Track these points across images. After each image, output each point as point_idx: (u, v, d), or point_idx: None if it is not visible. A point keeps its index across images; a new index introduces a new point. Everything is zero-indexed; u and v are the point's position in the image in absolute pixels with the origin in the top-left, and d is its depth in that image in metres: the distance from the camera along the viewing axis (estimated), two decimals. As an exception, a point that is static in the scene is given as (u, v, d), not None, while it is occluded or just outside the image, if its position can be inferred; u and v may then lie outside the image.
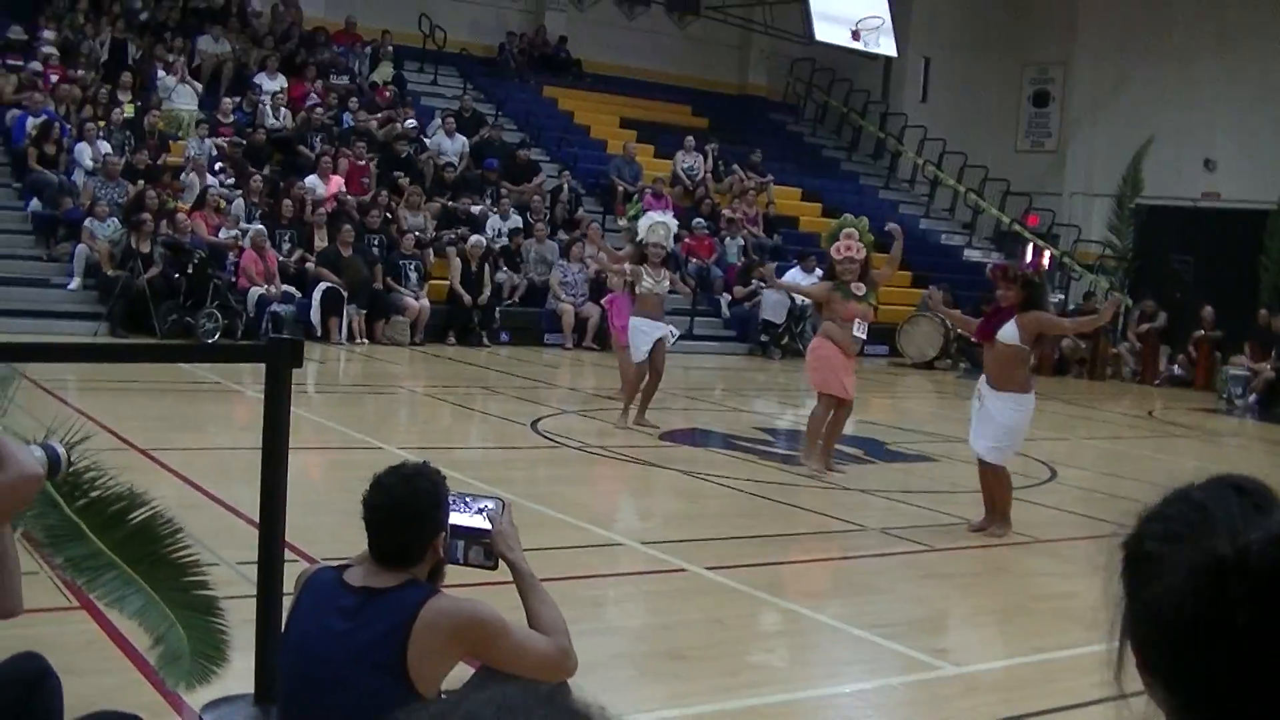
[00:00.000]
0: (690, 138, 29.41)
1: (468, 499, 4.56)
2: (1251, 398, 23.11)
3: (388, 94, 27.60)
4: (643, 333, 14.95)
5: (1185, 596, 1.77)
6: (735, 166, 29.34)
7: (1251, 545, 1.74)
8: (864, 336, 13.11)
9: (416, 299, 22.30)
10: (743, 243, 26.72)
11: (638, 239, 15.42)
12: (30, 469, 3.33)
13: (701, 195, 28.06)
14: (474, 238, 23.45)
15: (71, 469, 4.83)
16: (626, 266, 15.41)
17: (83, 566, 4.88)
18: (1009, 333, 10.30)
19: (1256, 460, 18.58)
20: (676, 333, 16.32)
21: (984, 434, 10.48)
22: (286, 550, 5.66)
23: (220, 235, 21.50)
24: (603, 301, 16.90)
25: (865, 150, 34.96)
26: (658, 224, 15.41)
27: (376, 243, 22.90)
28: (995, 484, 10.67)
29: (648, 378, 15.00)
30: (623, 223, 17.52)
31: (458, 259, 23.01)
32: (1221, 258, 28.28)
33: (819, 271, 15.34)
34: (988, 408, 10.47)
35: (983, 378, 10.67)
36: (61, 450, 3.70)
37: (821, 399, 12.99)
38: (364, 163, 24.52)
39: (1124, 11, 30.94)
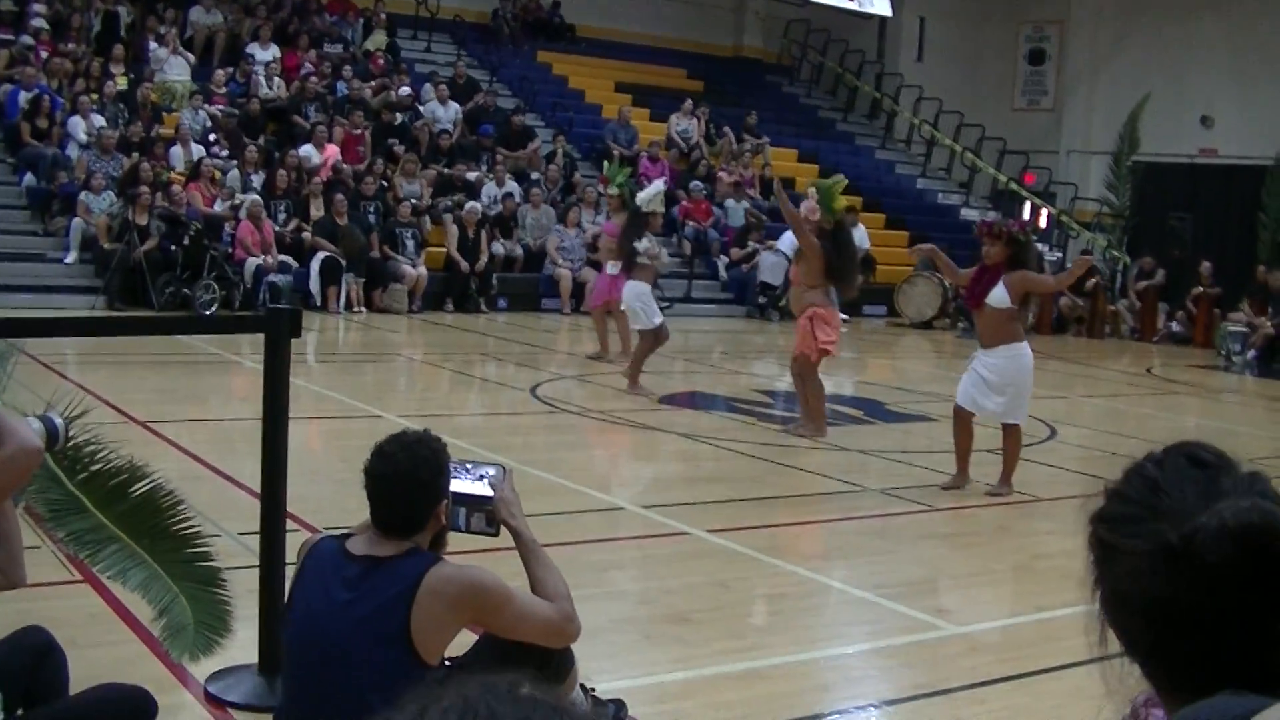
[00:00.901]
0: (689, 101, 29.34)
1: (469, 466, 4.56)
2: (1250, 354, 23.10)
3: (382, 62, 27.50)
4: (652, 302, 15.06)
5: (1140, 578, 1.87)
6: (726, 129, 29.26)
7: (1198, 534, 1.82)
8: None
9: (414, 267, 22.27)
10: (747, 205, 26.68)
11: (641, 210, 15.33)
12: (30, 442, 3.34)
13: (697, 158, 28.01)
14: (470, 204, 23.41)
15: (71, 443, 4.84)
16: (650, 246, 15.38)
17: (85, 540, 4.88)
18: (998, 295, 10.28)
19: (1256, 416, 18.60)
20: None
21: (988, 396, 10.47)
22: (288, 520, 5.67)
23: (216, 207, 21.45)
24: (613, 267, 16.72)
25: (861, 111, 34.86)
26: (660, 194, 15.51)
27: (373, 209, 22.87)
28: (1010, 443, 10.68)
29: (644, 341, 15.01)
30: (612, 191, 17.29)
31: (454, 226, 22.98)
32: (1219, 214, 28.27)
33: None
34: (981, 374, 10.48)
35: (976, 350, 10.73)
36: (60, 422, 3.70)
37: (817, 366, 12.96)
38: (359, 131, 24.45)
39: (1119, -31, 30.87)
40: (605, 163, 23.96)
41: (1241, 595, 1.82)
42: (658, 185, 15.87)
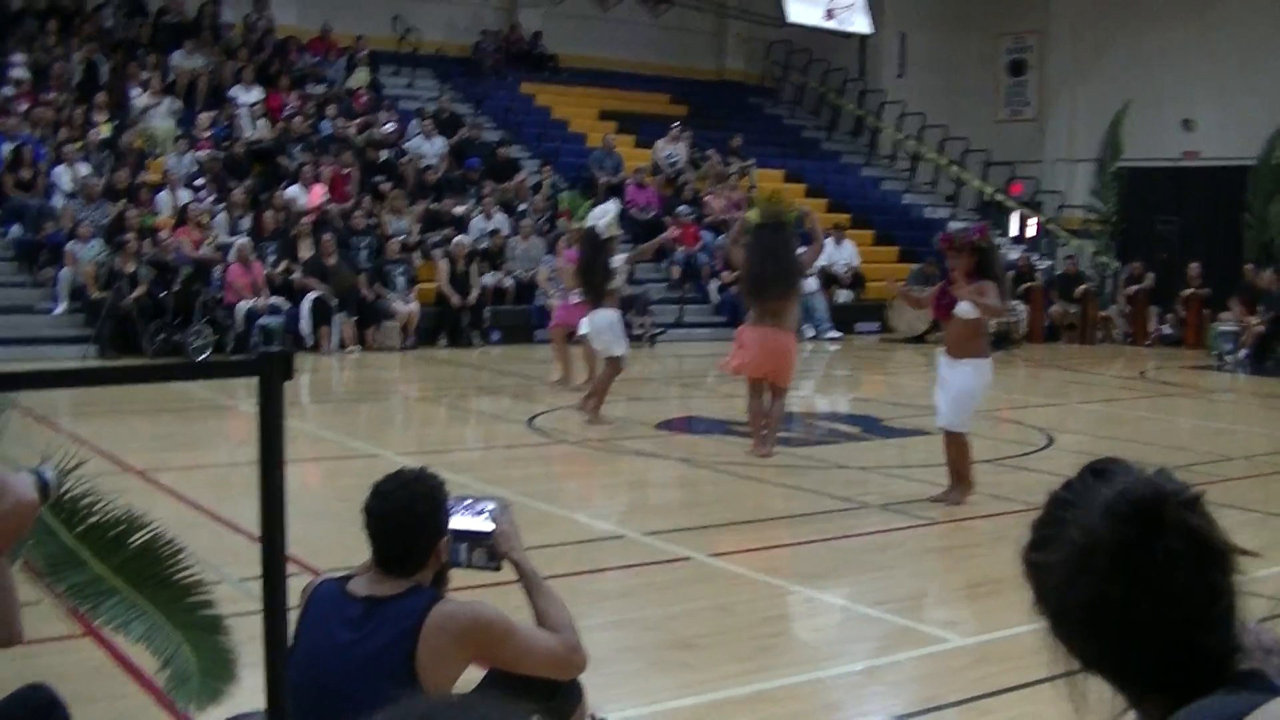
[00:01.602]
0: (676, 125, 29.35)
1: (468, 501, 4.55)
2: (1242, 353, 23.14)
3: (365, 99, 27.52)
4: (620, 329, 14.94)
5: (1066, 589, 2.00)
6: (711, 152, 29.29)
7: (1093, 524, 1.98)
8: None
9: (405, 303, 22.27)
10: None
11: (600, 237, 14.91)
12: (25, 496, 3.32)
13: (684, 183, 28.04)
14: (458, 238, 23.42)
15: (68, 495, 4.82)
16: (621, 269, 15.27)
17: (85, 593, 4.86)
18: (965, 307, 10.30)
19: (1251, 414, 18.62)
20: None
21: (942, 403, 10.52)
22: (289, 563, 5.64)
23: (201, 250, 21.43)
24: (576, 295, 16.59)
25: (845, 129, 34.95)
26: (614, 216, 15.13)
27: (364, 245, 22.88)
28: (956, 452, 10.69)
29: (608, 369, 14.91)
30: (574, 225, 17.14)
31: (444, 260, 22.98)
32: (1205, 216, 28.32)
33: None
34: (944, 377, 10.54)
35: (940, 351, 10.74)
36: (52, 474, 3.69)
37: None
38: (346, 170, 24.46)
39: (1096, -23, 30.95)
40: (561, 195, 23.97)
41: (1151, 573, 1.92)
42: (608, 208, 15.56)
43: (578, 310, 16.22)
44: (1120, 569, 1.94)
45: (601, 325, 14.81)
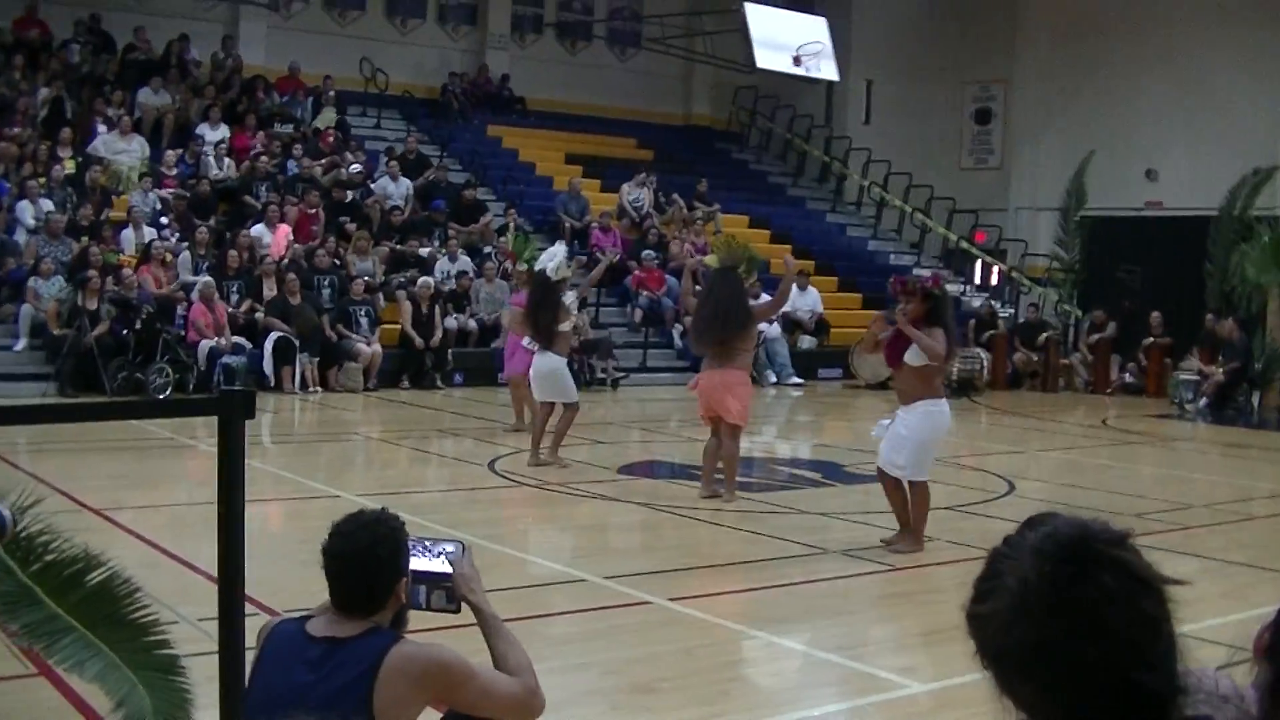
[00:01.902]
0: (644, 174, 29.40)
1: (427, 543, 4.54)
2: (1203, 401, 23.27)
3: (331, 140, 27.50)
4: (568, 375, 14.90)
5: (1005, 635, 2.05)
6: (675, 196, 29.35)
7: (1024, 568, 2.03)
8: None
9: (368, 344, 22.22)
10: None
11: (550, 280, 14.71)
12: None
13: (649, 227, 28.07)
14: (422, 279, 23.39)
15: (25, 533, 4.78)
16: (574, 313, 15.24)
17: (40, 632, 4.82)
18: (915, 353, 10.31)
19: (1212, 463, 18.70)
20: None
21: (900, 452, 10.49)
22: (247, 604, 5.61)
23: (165, 288, 21.36)
24: (526, 344, 16.56)
25: (811, 174, 35.09)
26: (560, 264, 14.94)
27: (327, 284, 22.84)
28: (918, 501, 10.67)
29: (555, 414, 14.80)
30: (522, 266, 17.01)
31: (408, 302, 22.95)
32: (1167, 265, 28.45)
33: (765, 296, 15.16)
34: (897, 428, 10.51)
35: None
36: (8, 513, 3.66)
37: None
38: (313, 210, 24.42)
39: (1063, 29, 31.12)
40: (509, 236, 23.95)
41: (1086, 612, 1.98)
42: (556, 251, 15.43)
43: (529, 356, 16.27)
44: (1054, 610, 1.97)
45: (543, 373, 14.73)
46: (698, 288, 14.71)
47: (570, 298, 15.02)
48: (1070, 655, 1.96)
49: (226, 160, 25.53)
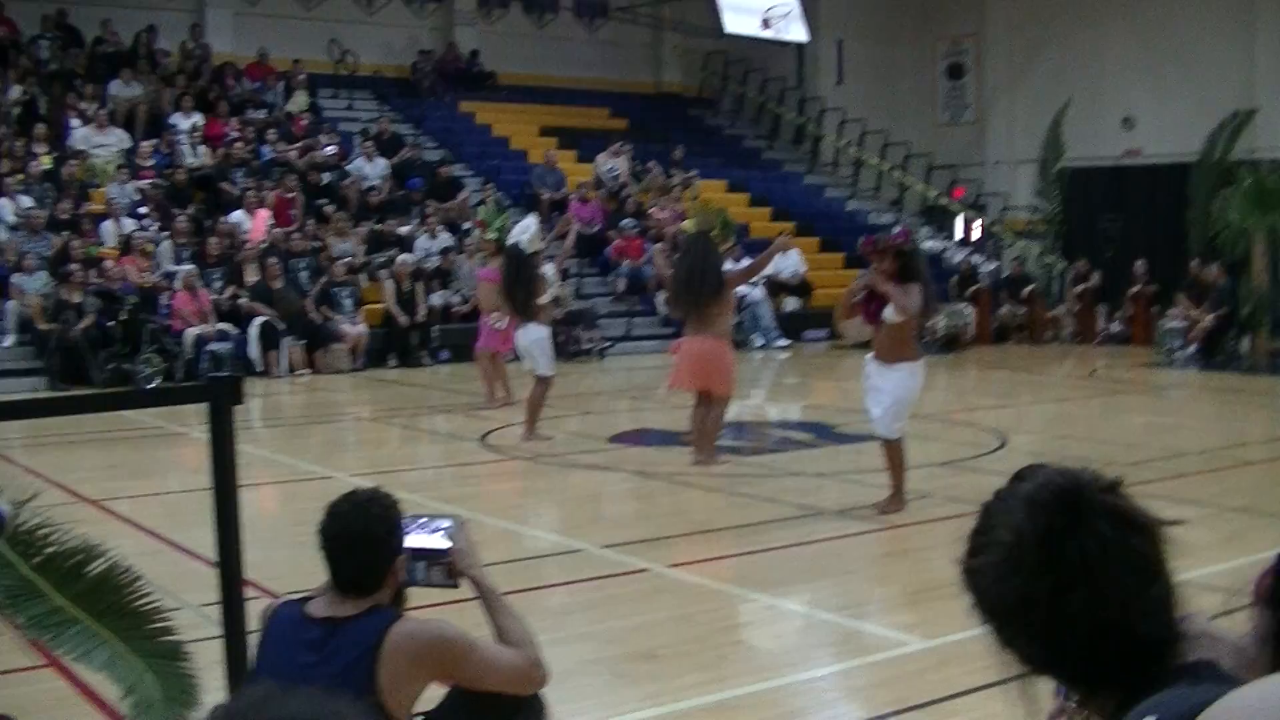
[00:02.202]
0: (620, 143, 29.39)
1: (424, 520, 4.56)
2: (1191, 348, 23.29)
3: (305, 123, 27.44)
4: (549, 347, 14.80)
5: (1001, 590, 2.07)
6: (651, 164, 29.35)
7: (1016, 521, 2.04)
8: None
9: (353, 325, 22.22)
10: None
11: (524, 252, 14.58)
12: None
13: (626, 196, 28.06)
14: (401, 256, 23.38)
15: (24, 527, 4.79)
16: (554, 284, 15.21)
17: (45, 624, 4.83)
18: (890, 312, 10.27)
19: (1203, 409, 18.76)
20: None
21: (877, 406, 10.48)
22: (247, 588, 5.63)
23: (147, 278, 21.33)
24: (492, 321, 16.56)
25: (786, 138, 35.05)
26: (535, 231, 14.95)
27: (304, 267, 22.81)
28: (894, 459, 10.65)
29: (537, 387, 14.73)
30: (489, 235, 16.88)
31: (389, 281, 22.94)
32: (1148, 213, 28.46)
33: (746, 260, 15.09)
34: (877, 384, 10.47)
35: (868, 357, 10.67)
36: (6, 509, 3.67)
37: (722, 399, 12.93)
38: (290, 195, 24.39)
39: (1031, -21, 31.16)
40: (480, 207, 23.97)
41: (1080, 560, 1.97)
42: (529, 223, 15.35)
43: (500, 332, 16.29)
44: (1049, 560, 1.97)
45: (528, 343, 14.70)
46: (676, 255, 14.70)
47: (549, 270, 15.01)
48: (1067, 605, 1.96)
49: (201, 148, 25.47)
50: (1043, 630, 2.00)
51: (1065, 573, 1.96)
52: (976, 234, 30.77)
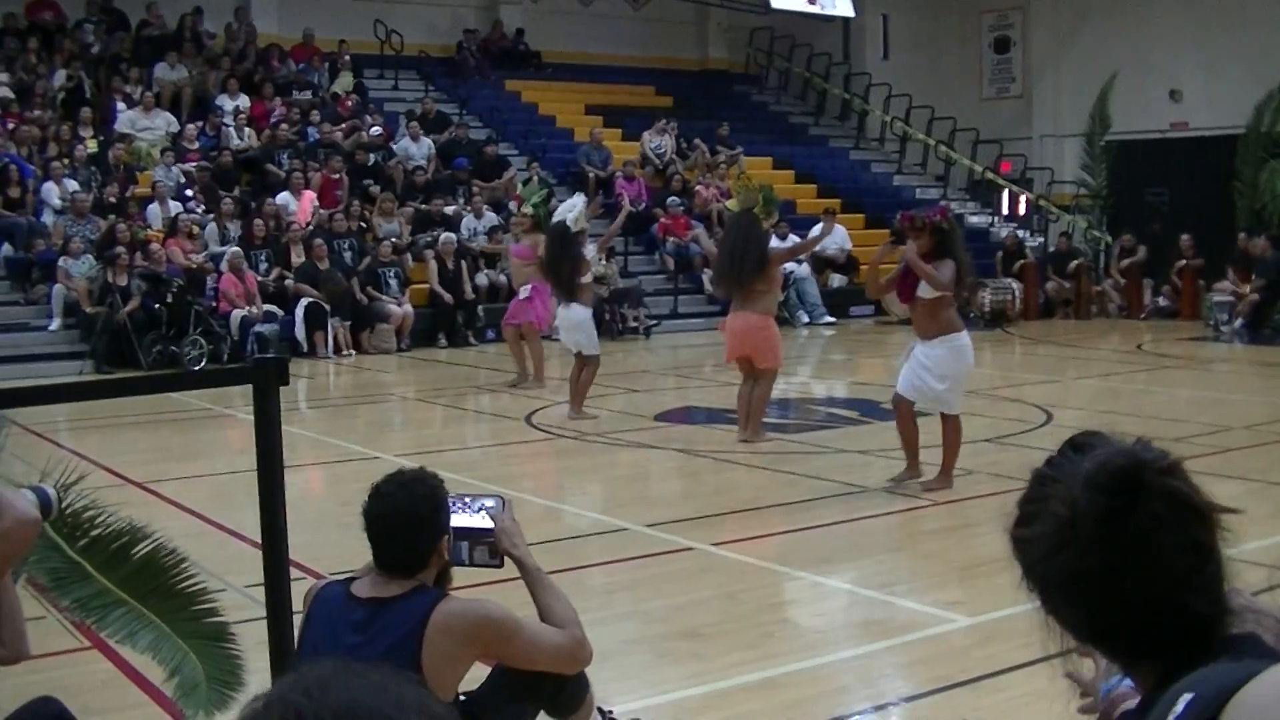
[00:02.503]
0: (664, 120, 29.37)
1: (468, 499, 4.56)
2: (1238, 322, 23.14)
3: (350, 104, 27.49)
4: (593, 327, 14.85)
5: (1053, 562, 2.03)
6: (697, 141, 29.31)
7: (1074, 495, 2.00)
8: None
9: (399, 305, 22.28)
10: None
11: (570, 230, 14.50)
12: (27, 514, 3.32)
13: (672, 174, 28.03)
14: (444, 235, 23.41)
15: (70, 509, 4.83)
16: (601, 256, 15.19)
17: (91, 606, 4.87)
18: (926, 286, 10.22)
19: (1249, 383, 18.63)
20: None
21: (940, 383, 10.38)
22: (292, 569, 5.65)
23: (193, 260, 21.42)
24: (525, 290, 16.60)
25: (832, 113, 34.91)
26: (581, 211, 14.88)
27: (347, 247, 22.86)
28: (951, 436, 10.60)
29: (587, 367, 14.75)
30: (526, 210, 16.88)
31: (434, 261, 22.97)
32: (1195, 186, 28.27)
33: (793, 237, 15.03)
34: (922, 362, 10.39)
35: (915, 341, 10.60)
36: (52, 492, 3.69)
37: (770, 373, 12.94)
38: (336, 175, 24.45)
39: (1077, -50, 30.94)
40: (522, 183, 23.93)
41: (1134, 540, 1.97)
42: (575, 201, 15.30)
43: (526, 305, 16.35)
44: (1103, 538, 1.96)
45: (571, 324, 14.72)
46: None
47: (591, 250, 15.00)
48: (1118, 582, 1.96)
49: (247, 130, 25.55)
50: (1091, 604, 2.00)
51: (1119, 553, 1.95)
52: (1023, 209, 30.58)
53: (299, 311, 21.29)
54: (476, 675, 4.48)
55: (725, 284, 12.91)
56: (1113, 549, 1.95)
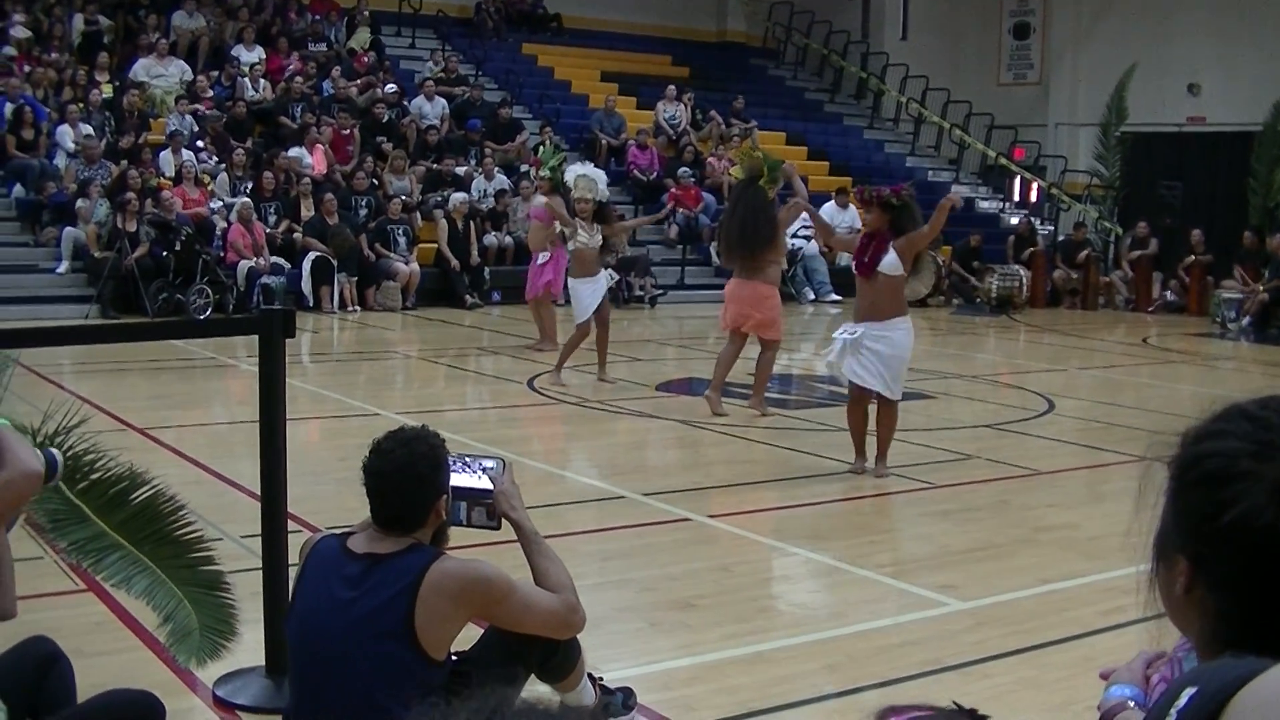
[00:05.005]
0: (671, 87, 29.33)
1: (468, 460, 4.57)
2: (1245, 320, 23.09)
3: (366, 60, 27.47)
4: (581, 295, 14.80)
5: (1255, 509, 1.80)
6: (713, 113, 29.28)
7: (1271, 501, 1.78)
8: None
9: (406, 263, 22.27)
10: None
11: (569, 193, 14.81)
12: (31, 467, 3.31)
13: (685, 144, 28.00)
14: (455, 195, 23.38)
15: (71, 452, 4.84)
16: (567, 227, 15.16)
17: (87, 549, 4.88)
18: (890, 262, 9.95)
19: (1253, 383, 18.59)
20: (615, 276, 16.52)
21: (877, 371, 10.13)
22: (289, 521, 5.67)
23: (203, 210, 21.42)
24: (544, 256, 16.60)
25: (848, 91, 34.85)
26: (580, 177, 14.92)
27: (364, 205, 22.86)
28: (889, 421, 10.40)
29: (596, 331, 14.82)
30: (543, 174, 16.94)
31: (444, 221, 22.95)
32: (1209, 181, 28.23)
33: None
34: (870, 345, 10.10)
35: (852, 323, 10.31)
36: (58, 456, 3.69)
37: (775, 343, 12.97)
38: (348, 131, 24.44)
39: (1101, -61, 30.83)
40: (540, 146, 23.89)
41: None
42: (575, 169, 15.36)
43: (545, 270, 16.36)
44: None
45: (572, 294, 14.97)
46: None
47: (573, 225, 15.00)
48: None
49: (262, 82, 25.52)
50: (1266, 562, 1.85)
51: None
52: (1034, 196, 30.54)
53: (306, 265, 21.29)
54: (469, 636, 4.50)
55: (734, 254, 12.82)
56: None
